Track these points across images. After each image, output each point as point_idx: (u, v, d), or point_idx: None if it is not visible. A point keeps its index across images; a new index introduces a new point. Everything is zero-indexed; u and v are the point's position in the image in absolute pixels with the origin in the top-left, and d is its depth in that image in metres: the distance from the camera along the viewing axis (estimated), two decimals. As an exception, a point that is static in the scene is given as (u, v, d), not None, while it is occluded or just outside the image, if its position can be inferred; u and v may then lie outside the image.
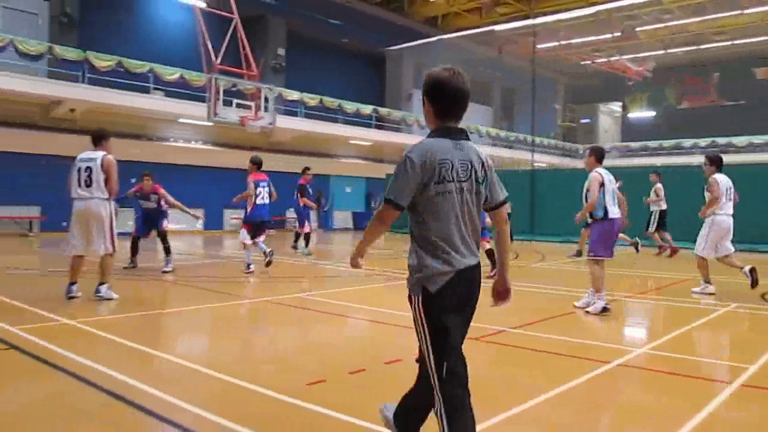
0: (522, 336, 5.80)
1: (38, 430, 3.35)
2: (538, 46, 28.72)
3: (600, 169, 7.17)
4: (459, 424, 2.49)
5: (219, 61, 16.35)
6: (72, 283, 7.35)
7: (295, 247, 14.31)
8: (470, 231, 2.66)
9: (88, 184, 7.20)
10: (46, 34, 19.86)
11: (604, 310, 6.94)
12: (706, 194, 8.48)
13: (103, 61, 18.90)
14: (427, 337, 2.57)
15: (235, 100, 17.94)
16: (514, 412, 3.64)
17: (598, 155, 7.34)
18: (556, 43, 32.65)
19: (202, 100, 18.63)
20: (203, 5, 18.31)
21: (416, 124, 30.17)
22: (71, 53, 18.48)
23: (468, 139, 2.71)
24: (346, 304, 7.62)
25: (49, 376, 4.30)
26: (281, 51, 26.91)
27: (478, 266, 2.66)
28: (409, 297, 2.65)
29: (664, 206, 14.18)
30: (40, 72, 19.15)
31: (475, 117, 36.54)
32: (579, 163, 38.49)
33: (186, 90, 20.76)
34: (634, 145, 39.47)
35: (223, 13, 17.63)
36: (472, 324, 2.70)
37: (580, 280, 10.85)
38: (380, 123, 29.22)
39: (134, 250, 10.81)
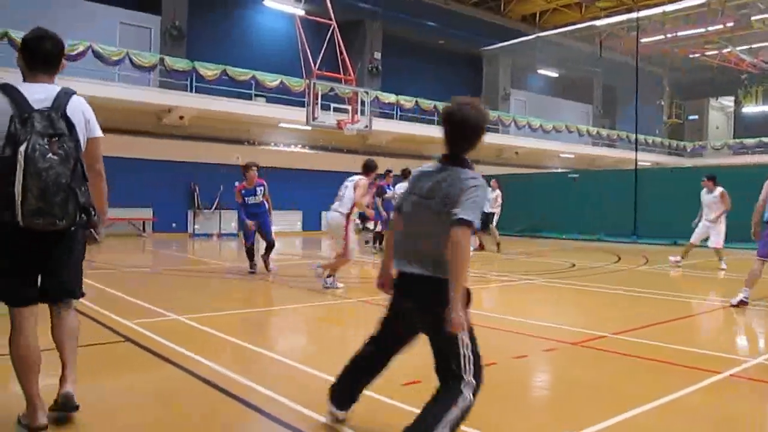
0: (624, 342, 5.56)
1: (147, 419, 3.56)
2: (642, 41, 27.47)
3: None
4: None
5: (317, 66, 16.76)
6: (329, 276, 8.55)
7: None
8: None
9: (339, 200, 8.43)
10: (158, 47, 21.10)
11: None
12: None
13: (210, 70, 19.81)
14: None
15: (332, 105, 18.38)
16: (615, 420, 3.49)
17: None
18: (661, 37, 31.10)
19: (301, 105, 19.18)
20: (302, 13, 18.82)
21: (513, 125, 29.63)
22: (180, 64, 19.50)
23: None
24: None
25: (159, 368, 4.56)
26: (377, 55, 27.19)
27: None
28: None
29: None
30: (152, 82, 20.41)
31: (573, 116, 35.45)
32: (686, 162, 36.58)
33: (286, 96, 21.40)
34: (748, 141, 37.02)
35: (322, 20, 18.04)
36: (570, 329, 2.64)
37: (688, 285, 10.32)
38: (476, 124, 28.84)
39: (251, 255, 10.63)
